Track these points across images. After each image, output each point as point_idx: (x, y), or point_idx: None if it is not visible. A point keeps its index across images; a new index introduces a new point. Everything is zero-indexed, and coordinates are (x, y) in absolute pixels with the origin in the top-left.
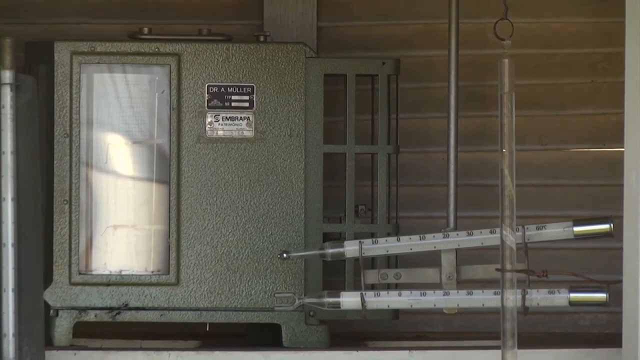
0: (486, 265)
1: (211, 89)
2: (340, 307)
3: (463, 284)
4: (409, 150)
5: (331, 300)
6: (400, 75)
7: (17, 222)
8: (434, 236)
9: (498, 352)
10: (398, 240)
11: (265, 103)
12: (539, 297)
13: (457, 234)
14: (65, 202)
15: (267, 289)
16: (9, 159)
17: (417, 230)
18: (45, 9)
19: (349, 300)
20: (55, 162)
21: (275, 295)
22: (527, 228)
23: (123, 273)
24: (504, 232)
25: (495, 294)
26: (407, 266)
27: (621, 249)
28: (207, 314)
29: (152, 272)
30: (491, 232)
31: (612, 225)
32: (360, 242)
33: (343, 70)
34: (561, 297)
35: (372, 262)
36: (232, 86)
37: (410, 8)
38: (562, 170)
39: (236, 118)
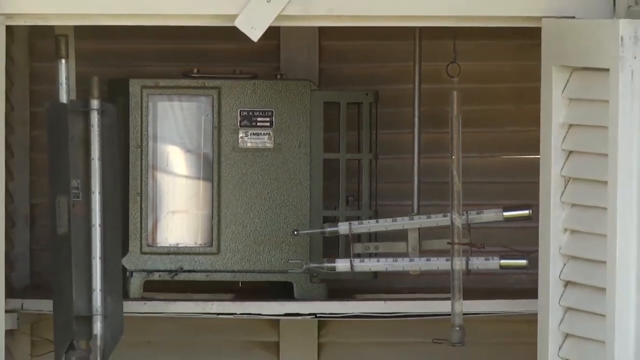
0: (441, 239)
1: (242, 113)
2: (335, 270)
3: (424, 253)
4: (386, 157)
5: (329, 265)
6: (379, 103)
7: (102, 208)
8: (402, 219)
9: (449, 302)
10: (377, 222)
11: (281, 123)
12: (478, 263)
13: (419, 217)
14: (137, 194)
15: (283, 257)
16: (96, 164)
17: (391, 215)
18: (122, 55)
19: (342, 265)
20: (129, 165)
21: (289, 261)
22: (470, 213)
23: (179, 245)
24: (453, 215)
25: (447, 260)
26: (383, 240)
27: (537, 227)
28: (239, 275)
29: (200, 244)
30: (444, 216)
31: (531, 211)
32: (349, 223)
33: (337, 99)
34: (494, 263)
35: (358, 238)
36: (257, 111)
37: (387, 54)
38: (495, 171)
39: (260, 134)
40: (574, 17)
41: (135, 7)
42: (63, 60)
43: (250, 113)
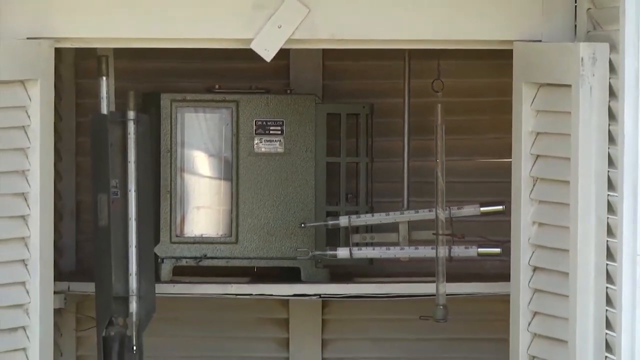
0: (427, 231)
1: (257, 122)
2: (336, 257)
3: (413, 243)
4: (380, 160)
5: (331, 252)
6: (374, 114)
7: (137, 204)
8: (394, 213)
9: (434, 284)
10: (372, 216)
11: (290, 131)
12: (459, 251)
13: (409, 212)
14: (167, 192)
15: (292, 246)
16: (132, 166)
17: (384, 210)
18: (154, 73)
19: (342, 252)
20: (161, 167)
21: (297, 250)
22: (452, 208)
23: (203, 236)
24: (438, 210)
25: (432, 249)
26: (378, 232)
27: (509, 221)
28: (254, 261)
29: (221, 235)
30: (429, 211)
31: (504, 206)
32: (349, 217)
33: (338, 111)
34: (472, 251)
35: (356, 229)
36: (270, 121)
37: (381, 72)
38: (473, 173)
39: (272, 140)
40: (540, 41)
41: (165, 31)
42: (104, 78)
43: (264, 123)
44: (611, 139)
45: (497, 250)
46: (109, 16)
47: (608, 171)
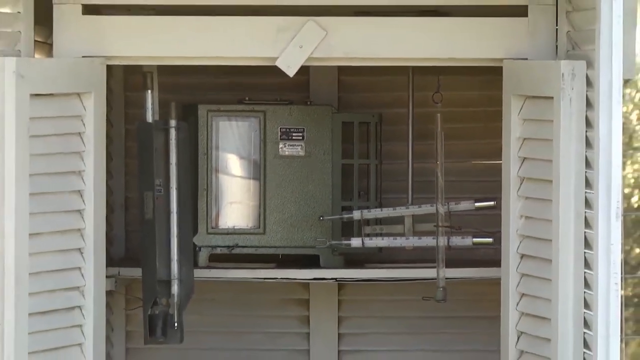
0: (429, 223)
1: (281, 129)
2: (350, 246)
3: (416, 233)
4: (387, 162)
5: (346, 242)
6: (383, 122)
7: (178, 200)
8: (400, 208)
9: (434, 269)
10: (381, 210)
11: (310, 137)
12: (456, 241)
13: (413, 207)
14: (204, 190)
15: (312, 236)
16: (174, 167)
17: (392, 205)
18: (192, 87)
19: (356, 242)
20: (198, 168)
21: (316, 239)
22: (450, 204)
23: (235, 227)
24: (438, 205)
25: (433, 238)
26: (386, 224)
27: (500, 214)
28: (279, 249)
29: (250, 227)
30: (431, 206)
31: (495, 202)
32: (361, 211)
33: (351, 120)
34: (468, 241)
35: (367, 222)
36: (292, 128)
37: (388, 86)
38: (469, 173)
39: (295, 145)
40: (527, 59)
41: (202, 51)
42: (149, 91)
43: (288, 129)
44: (588, 144)
45: (489, 240)
46: (153, 38)
47: (585, 171)
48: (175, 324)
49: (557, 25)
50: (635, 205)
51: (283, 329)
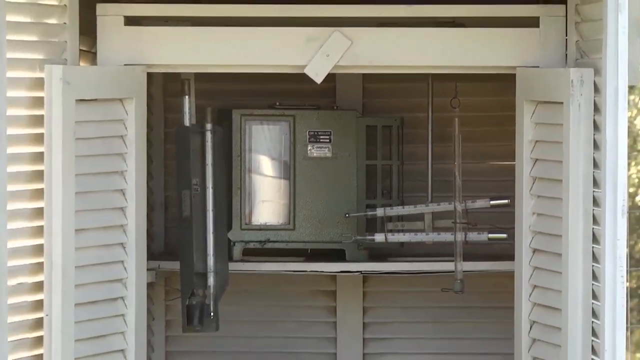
0: (447, 220)
1: (310, 132)
2: (374, 241)
3: (436, 229)
4: (408, 163)
5: (370, 237)
6: (404, 126)
7: (213, 198)
8: (421, 206)
9: (452, 263)
10: (403, 207)
11: (337, 139)
12: (473, 236)
13: (432, 205)
14: (238, 189)
15: (339, 232)
16: (209, 168)
17: (413, 203)
18: (227, 93)
19: (379, 237)
20: (233, 169)
21: (343, 235)
22: (467, 202)
23: (266, 224)
24: (456, 203)
25: (451, 234)
26: (407, 220)
27: (513, 212)
28: (308, 244)
29: (281, 223)
30: (449, 204)
31: (509, 200)
32: (384, 208)
33: (375, 124)
34: (484, 236)
35: (390, 219)
36: (320, 131)
37: (409, 92)
38: (484, 173)
39: (322, 147)
40: (538, 67)
41: (236, 59)
42: (186, 96)
43: (316, 133)
44: (595, 146)
45: (504, 235)
46: (190, 47)
47: (593, 172)
48: (211, 314)
49: (566, 36)
50: None
51: (312, 318)
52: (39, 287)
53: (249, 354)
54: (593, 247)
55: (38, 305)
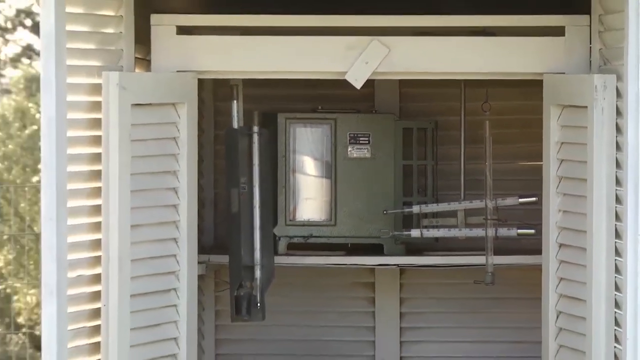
0: (479, 216)
1: (350, 135)
2: (411, 236)
3: (468, 225)
4: (442, 163)
5: (406, 232)
6: (438, 128)
7: (260, 196)
8: (454, 203)
9: (484, 257)
10: (437, 205)
11: (375, 141)
12: (503, 232)
13: (465, 202)
14: (283, 187)
15: (377, 227)
16: (256, 168)
17: (446, 200)
18: (273, 97)
19: (415, 232)
20: (278, 169)
21: (381, 230)
22: (497, 199)
23: (310, 220)
24: (487, 201)
25: (483, 230)
26: (442, 217)
27: (541, 209)
28: (349, 239)
29: (323, 219)
30: (480, 201)
31: (537, 198)
32: (420, 206)
33: (411, 126)
34: (513, 232)
35: (425, 215)
36: (360, 133)
37: (443, 97)
38: (514, 173)
39: (362, 148)
40: (564, 73)
41: (280, 66)
42: (235, 101)
43: (355, 135)
44: (618, 147)
45: (532, 231)
46: (238, 55)
47: (616, 171)
48: (258, 304)
49: (590, 44)
50: None
51: (352, 308)
52: (97, 279)
53: (293, 342)
54: (616, 242)
55: (96, 296)
